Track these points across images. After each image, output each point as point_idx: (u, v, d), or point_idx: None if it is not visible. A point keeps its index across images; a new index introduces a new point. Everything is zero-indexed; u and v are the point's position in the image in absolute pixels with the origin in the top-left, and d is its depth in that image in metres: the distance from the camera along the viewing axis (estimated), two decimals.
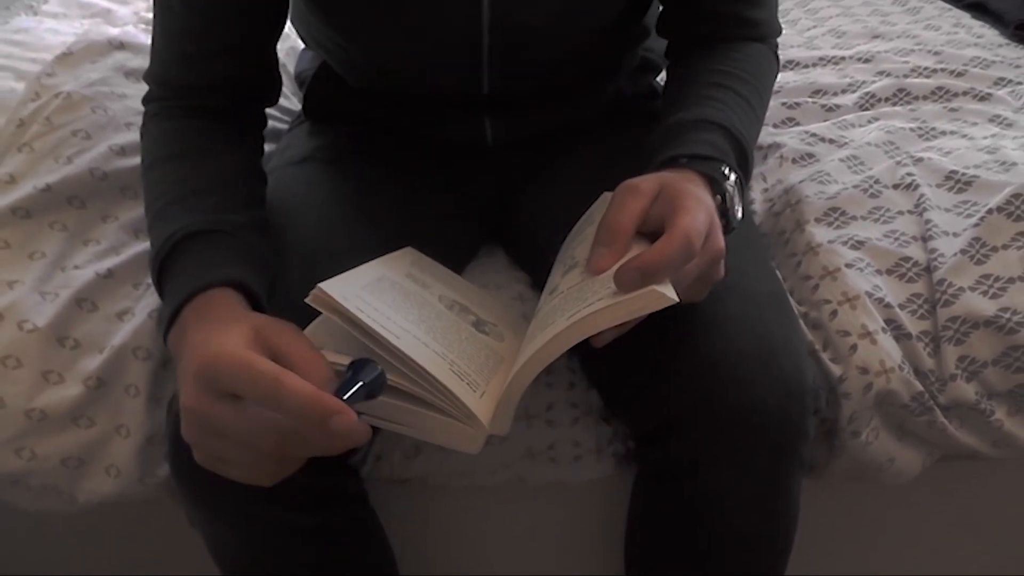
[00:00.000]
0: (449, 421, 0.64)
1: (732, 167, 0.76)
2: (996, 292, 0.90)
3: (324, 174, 0.92)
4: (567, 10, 0.85)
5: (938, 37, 1.49)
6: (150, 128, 0.85)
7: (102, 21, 1.46)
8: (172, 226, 0.73)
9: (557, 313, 0.66)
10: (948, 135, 1.14)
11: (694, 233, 0.64)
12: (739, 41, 0.91)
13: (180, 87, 0.85)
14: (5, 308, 0.87)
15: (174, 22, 0.83)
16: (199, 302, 0.68)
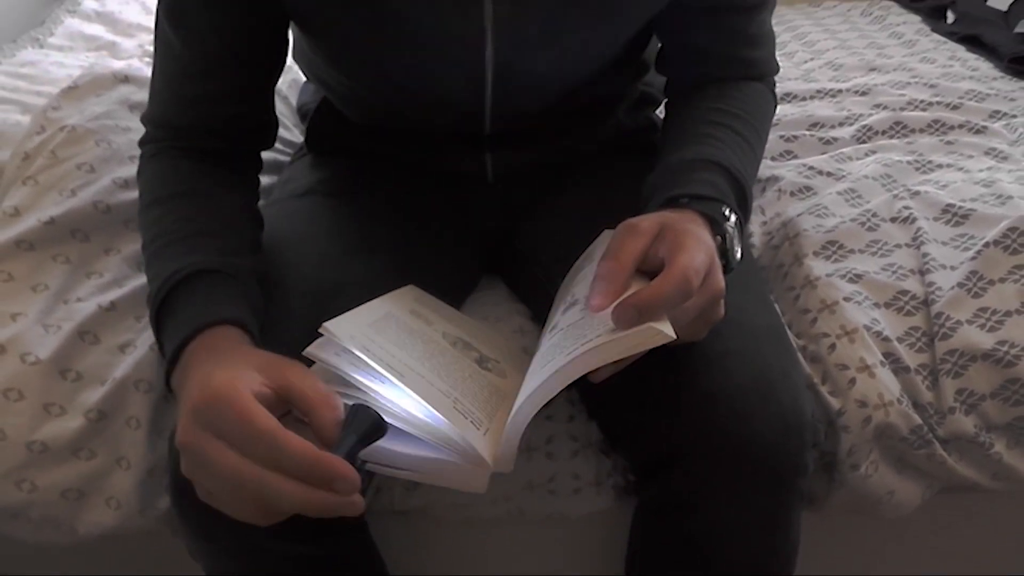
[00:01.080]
0: (454, 463, 0.64)
1: (732, 208, 0.77)
2: (994, 325, 0.90)
3: (326, 207, 0.93)
4: (568, 55, 0.86)
5: (934, 70, 1.51)
6: (148, 168, 0.86)
7: (107, 54, 1.49)
8: (175, 264, 0.74)
9: (557, 350, 0.67)
10: (945, 168, 1.15)
11: (692, 271, 0.65)
12: (737, 80, 0.92)
13: (178, 129, 0.85)
14: (8, 340, 0.87)
15: (174, 64, 0.84)
16: (205, 338, 0.68)
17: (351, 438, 0.60)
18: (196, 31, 0.82)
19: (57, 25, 1.59)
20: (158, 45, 0.85)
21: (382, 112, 0.95)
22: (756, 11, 0.91)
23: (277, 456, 0.56)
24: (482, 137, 0.95)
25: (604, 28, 0.85)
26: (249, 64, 0.85)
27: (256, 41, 0.84)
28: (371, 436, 0.62)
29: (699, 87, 0.92)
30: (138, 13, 1.69)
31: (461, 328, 0.80)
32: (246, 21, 0.82)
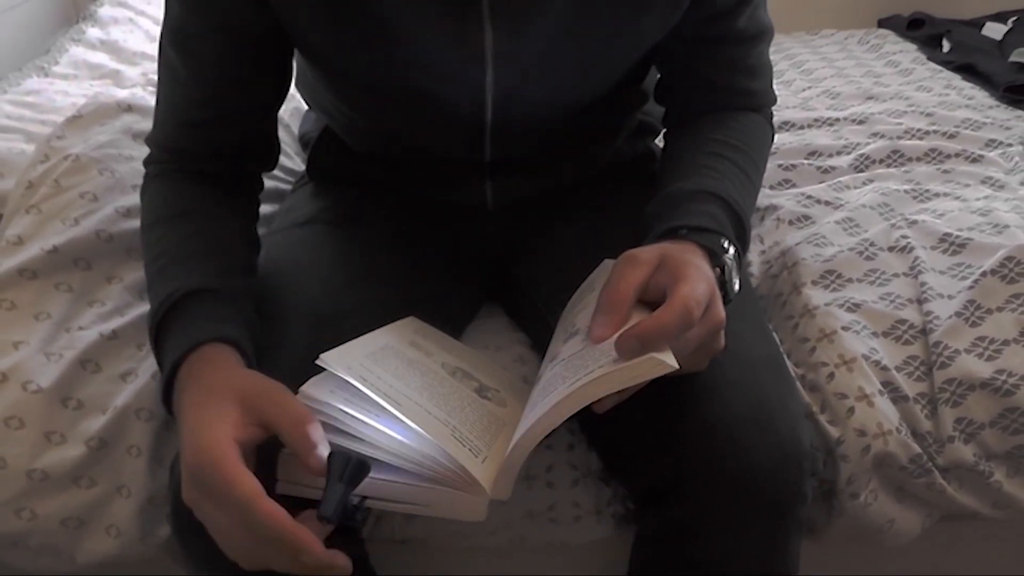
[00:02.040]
0: (451, 492, 0.65)
1: (730, 239, 0.77)
2: (991, 354, 0.91)
3: (327, 236, 0.94)
4: (567, 85, 0.87)
5: (930, 98, 1.52)
6: (150, 188, 0.88)
7: (111, 82, 1.50)
8: (172, 285, 0.75)
9: (558, 380, 0.67)
10: (942, 197, 1.16)
11: (693, 302, 0.65)
12: (736, 111, 0.93)
13: (181, 152, 0.87)
14: (10, 369, 0.88)
15: (178, 91, 0.85)
16: (194, 360, 0.70)
17: (337, 487, 0.61)
18: (199, 58, 0.83)
19: (62, 54, 1.60)
20: (162, 70, 0.86)
21: (383, 140, 0.96)
22: (754, 43, 0.91)
23: (251, 520, 0.60)
24: (482, 165, 0.95)
25: (603, 57, 0.86)
26: (252, 91, 0.86)
27: (259, 68, 0.85)
28: (357, 476, 0.63)
29: (697, 117, 0.93)
30: (142, 41, 1.70)
31: (461, 359, 0.80)
32: (248, 49, 0.83)
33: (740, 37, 0.90)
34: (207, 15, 0.81)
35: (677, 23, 0.85)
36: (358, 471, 0.63)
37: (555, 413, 0.64)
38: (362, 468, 0.63)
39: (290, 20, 0.81)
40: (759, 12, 0.90)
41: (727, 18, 0.87)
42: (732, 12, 0.87)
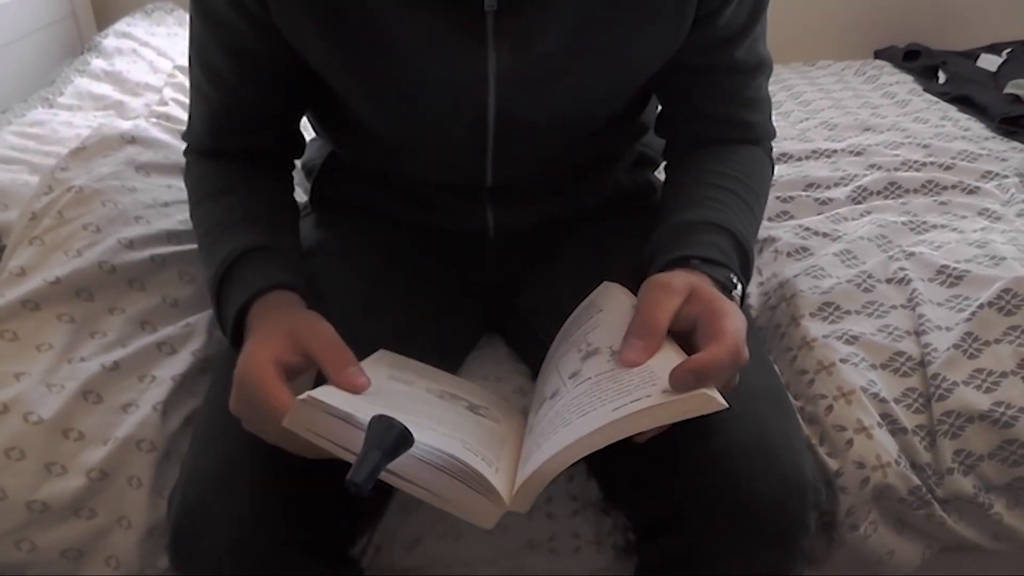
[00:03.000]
0: (471, 492, 0.64)
1: (737, 275, 0.79)
2: (989, 386, 0.91)
3: (328, 268, 0.94)
4: (567, 109, 0.88)
5: (927, 130, 1.53)
6: (192, 171, 0.96)
7: (115, 113, 1.51)
8: (227, 248, 0.83)
9: (594, 401, 0.67)
10: (939, 228, 1.17)
11: (741, 340, 0.67)
12: (736, 144, 0.94)
13: (215, 151, 0.95)
14: (11, 400, 0.88)
15: (206, 104, 0.92)
16: (259, 307, 0.78)
17: (374, 454, 0.60)
18: (220, 75, 0.88)
19: (67, 85, 1.61)
20: (192, 81, 0.93)
21: (388, 163, 0.97)
22: (753, 75, 0.93)
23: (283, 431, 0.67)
24: (484, 192, 0.96)
25: (604, 80, 0.87)
26: (273, 103, 0.92)
27: (277, 84, 0.90)
28: (398, 449, 0.61)
29: (697, 149, 0.94)
30: (146, 73, 1.71)
31: (442, 383, 0.80)
32: (264, 68, 0.88)
33: (739, 68, 0.91)
34: (222, 39, 0.86)
35: (677, 50, 0.87)
36: (400, 442, 0.61)
37: (599, 436, 0.64)
38: (404, 440, 0.62)
39: (297, 42, 0.84)
40: (758, 45, 0.91)
41: (726, 48, 0.89)
42: (731, 42, 0.88)
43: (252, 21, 0.83)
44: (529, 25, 0.81)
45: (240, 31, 0.84)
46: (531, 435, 0.72)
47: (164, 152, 1.19)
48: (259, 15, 0.82)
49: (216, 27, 0.85)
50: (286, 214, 0.93)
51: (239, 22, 0.83)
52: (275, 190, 0.94)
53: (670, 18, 0.83)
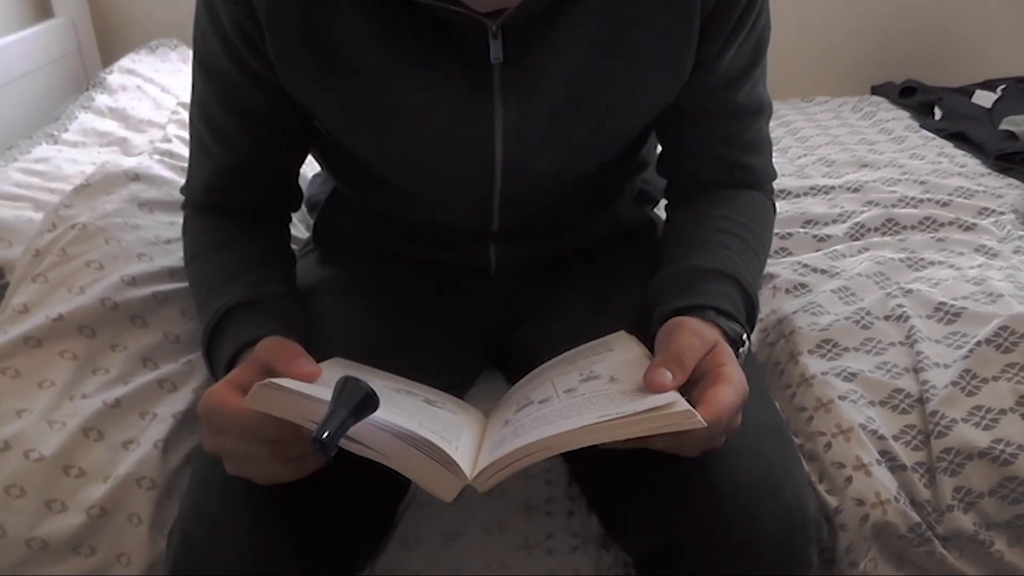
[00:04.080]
0: (431, 463, 0.65)
1: (744, 327, 0.80)
2: (988, 423, 0.91)
3: (330, 306, 0.95)
4: (572, 156, 0.90)
5: (923, 166, 1.54)
6: (189, 227, 0.97)
7: (119, 150, 1.52)
8: (216, 304, 0.83)
9: (582, 410, 0.68)
10: (936, 265, 1.17)
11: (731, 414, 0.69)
12: (737, 188, 0.95)
13: (213, 205, 0.95)
14: (12, 437, 0.88)
15: (206, 157, 0.93)
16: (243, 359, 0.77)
17: (341, 412, 0.62)
18: (222, 134, 0.90)
19: (71, 121, 1.63)
20: (192, 135, 0.94)
21: (393, 203, 0.98)
22: (753, 118, 0.94)
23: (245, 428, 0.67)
24: (487, 235, 0.97)
25: (607, 127, 0.88)
26: (273, 160, 0.94)
27: (278, 142, 0.92)
28: (363, 410, 0.63)
29: (699, 192, 0.95)
30: (150, 109, 1.73)
31: (398, 382, 0.81)
32: (267, 128, 0.90)
33: (739, 112, 0.92)
34: (227, 98, 0.87)
35: (678, 95, 0.88)
36: (366, 402, 0.63)
37: (577, 435, 0.65)
38: (370, 401, 0.63)
39: (304, 100, 0.86)
40: (759, 88, 0.93)
41: (726, 92, 0.90)
42: (731, 87, 0.90)
43: (257, 81, 0.85)
44: (533, 76, 0.82)
45: (245, 90, 0.86)
46: (507, 427, 0.72)
47: (167, 189, 1.20)
48: (264, 75, 0.84)
49: (220, 87, 0.87)
50: (277, 265, 0.93)
51: (244, 82, 0.85)
52: (268, 242, 0.95)
53: (670, 65, 0.85)
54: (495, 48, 0.80)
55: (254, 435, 0.67)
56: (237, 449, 0.69)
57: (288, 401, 0.65)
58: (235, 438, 0.68)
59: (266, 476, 0.70)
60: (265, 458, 0.68)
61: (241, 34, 0.82)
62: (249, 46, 0.82)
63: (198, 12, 0.86)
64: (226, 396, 0.69)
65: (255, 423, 0.66)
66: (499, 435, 0.72)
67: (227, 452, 0.70)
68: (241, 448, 0.69)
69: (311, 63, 0.82)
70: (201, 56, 0.87)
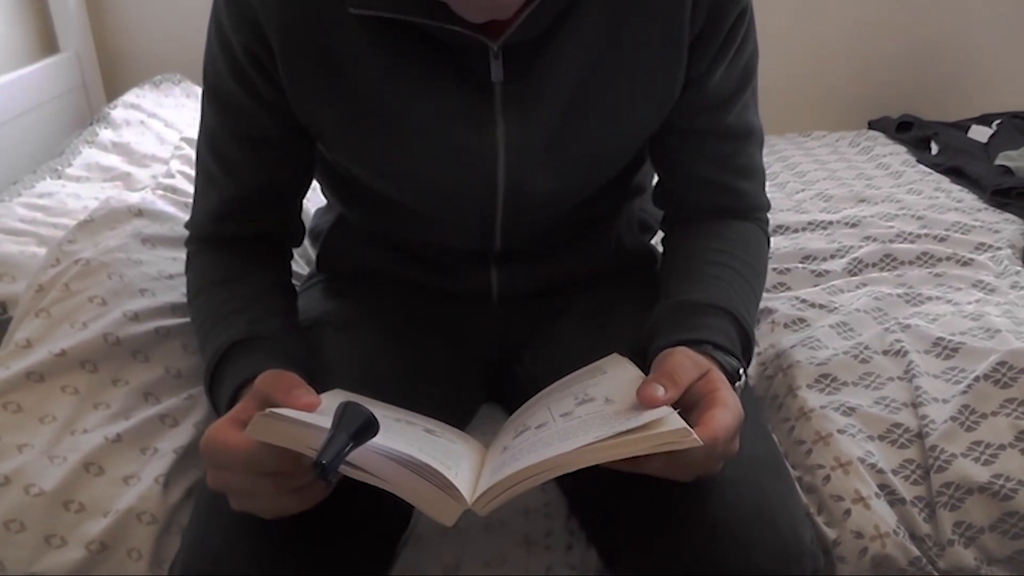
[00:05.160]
0: (431, 488, 0.66)
1: (740, 360, 0.81)
2: (988, 459, 0.91)
3: (332, 342, 0.96)
4: (571, 173, 0.92)
5: (920, 201, 1.55)
6: (192, 265, 0.97)
7: (122, 185, 1.53)
8: (217, 341, 0.84)
9: (578, 431, 0.68)
10: (934, 300, 1.18)
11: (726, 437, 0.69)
12: (731, 218, 0.97)
13: (217, 237, 0.96)
14: (13, 472, 0.88)
15: (212, 187, 0.94)
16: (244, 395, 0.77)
17: (341, 436, 0.62)
18: (230, 162, 0.92)
19: (75, 156, 1.64)
20: (198, 167, 0.96)
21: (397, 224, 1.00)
22: (744, 142, 0.96)
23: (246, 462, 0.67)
24: (489, 256, 0.99)
25: (603, 141, 0.91)
26: (278, 188, 0.95)
27: (283, 168, 0.94)
28: (363, 434, 0.64)
29: (694, 221, 0.97)
30: (153, 144, 1.74)
31: (398, 413, 0.82)
32: (273, 153, 0.91)
33: (729, 134, 0.94)
34: (236, 126, 0.90)
35: (671, 112, 0.91)
36: (366, 428, 0.64)
37: (575, 456, 0.65)
38: (370, 426, 0.64)
39: (312, 125, 0.89)
40: (748, 112, 0.95)
41: (716, 112, 0.92)
42: (721, 107, 0.92)
43: (265, 106, 0.87)
44: (533, 94, 0.85)
45: (254, 116, 0.88)
46: (506, 452, 0.73)
47: (170, 225, 1.21)
48: (272, 99, 0.86)
49: (231, 115, 0.89)
50: (279, 300, 0.93)
51: (253, 107, 0.87)
52: (270, 278, 0.95)
53: (662, 82, 0.88)
54: (496, 68, 0.83)
55: (255, 468, 0.67)
56: (240, 484, 0.69)
57: (288, 430, 0.66)
58: (237, 473, 0.68)
59: (271, 509, 0.70)
60: (268, 491, 0.68)
61: (251, 58, 0.84)
62: (259, 70, 0.85)
63: (209, 42, 0.88)
64: (227, 432, 0.69)
65: (255, 456, 0.67)
66: (498, 460, 0.72)
67: (230, 488, 0.70)
68: (243, 482, 0.69)
69: (319, 84, 0.85)
70: (212, 84, 0.90)
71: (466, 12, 0.75)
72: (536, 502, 0.92)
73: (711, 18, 0.85)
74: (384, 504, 0.79)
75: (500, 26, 0.80)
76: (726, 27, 0.86)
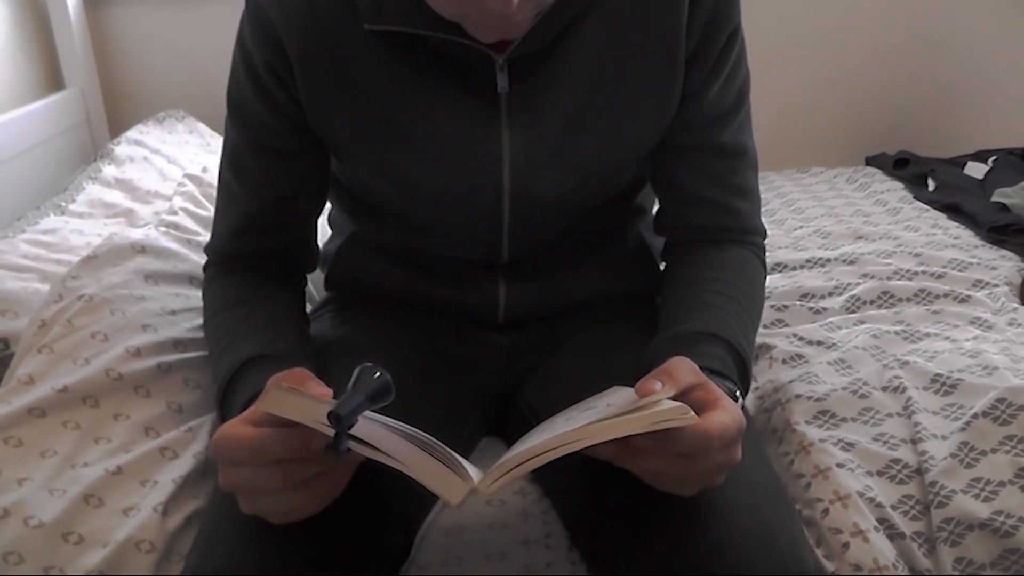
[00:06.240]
0: (439, 465, 0.67)
1: (738, 385, 0.82)
2: (988, 495, 0.91)
3: (339, 367, 0.95)
4: (574, 182, 0.95)
5: (918, 238, 1.56)
6: (211, 286, 1.01)
7: (125, 221, 1.54)
8: (233, 356, 0.87)
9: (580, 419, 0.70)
10: (932, 337, 1.18)
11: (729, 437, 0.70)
12: (726, 240, 0.99)
13: (236, 257, 1.00)
14: (12, 505, 0.88)
15: (232, 205, 0.99)
16: None
17: (358, 396, 0.63)
18: (250, 176, 0.97)
19: (79, 192, 1.66)
20: (220, 188, 1.00)
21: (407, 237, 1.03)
22: (738, 161, 0.99)
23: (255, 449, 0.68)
24: (498, 267, 1.02)
25: (605, 150, 0.94)
26: (295, 203, 0.99)
27: (300, 182, 0.98)
28: (379, 396, 0.65)
29: (691, 249, 0.99)
30: (156, 181, 1.76)
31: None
32: (291, 166, 0.96)
33: (724, 151, 0.97)
34: (255, 139, 0.95)
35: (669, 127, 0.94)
36: (384, 388, 0.66)
37: (578, 434, 0.67)
38: (387, 388, 0.66)
39: (327, 134, 0.93)
40: (742, 133, 0.98)
41: (712, 129, 0.96)
42: (717, 124, 0.96)
43: (286, 120, 0.93)
44: (537, 105, 0.90)
45: (273, 130, 0.93)
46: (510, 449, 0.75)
47: (173, 262, 1.22)
48: (291, 113, 0.92)
49: (251, 129, 0.94)
50: (293, 324, 0.96)
51: (273, 121, 0.93)
52: (286, 301, 0.99)
53: (659, 95, 0.92)
54: (502, 79, 0.88)
55: (263, 457, 0.68)
56: (249, 478, 0.69)
57: (302, 403, 0.67)
58: (247, 468, 0.69)
59: (280, 510, 0.70)
60: (276, 483, 0.68)
61: (272, 74, 0.90)
62: (278, 84, 0.91)
63: (234, 62, 0.94)
64: (236, 427, 0.70)
65: (263, 443, 0.67)
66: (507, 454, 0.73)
67: (240, 484, 0.70)
68: (253, 476, 0.69)
69: (335, 96, 0.90)
70: (234, 101, 0.95)
71: (478, 33, 0.80)
72: (537, 534, 0.93)
73: (705, 34, 0.90)
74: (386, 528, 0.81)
75: (506, 40, 0.84)
76: (719, 44, 0.91)
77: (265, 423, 0.70)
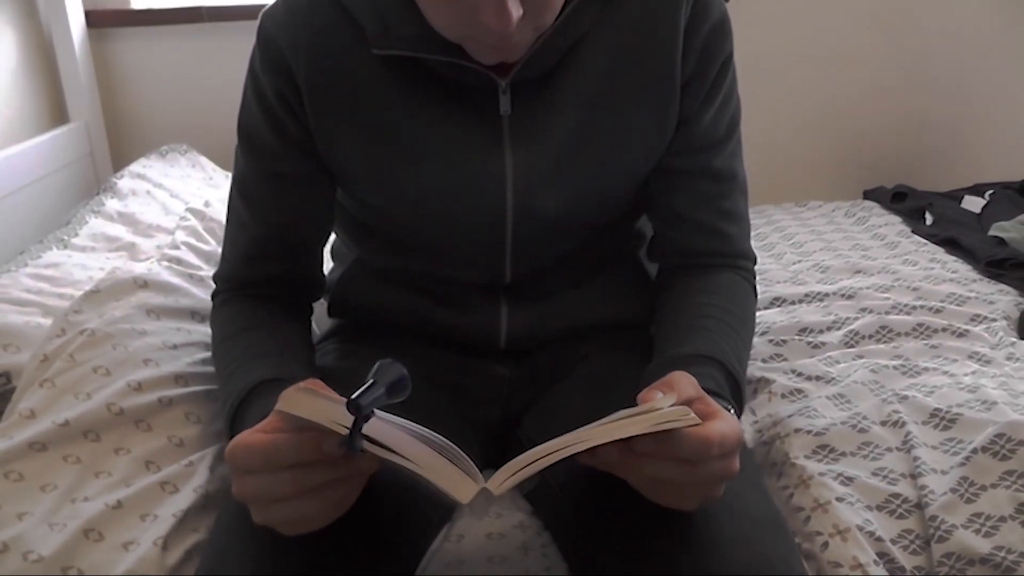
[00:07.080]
0: (450, 465, 0.68)
1: (732, 404, 0.84)
2: (988, 531, 0.91)
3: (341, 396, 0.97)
4: (574, 204, 0.97)
5: (916, 272, 1.56)
6: (220, 312, 1.02)
7: (127, 255, 1.55)
8: (243, 379, 0.88)
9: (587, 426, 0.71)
10: (930, 372, 1.19)
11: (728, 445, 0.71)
12: (717, 267, 1.01)
13: (245, 283, 1.03)
14: (11, 539, 0.88)
15: (241, 232, 1.01)
16: None
17: (378, 387, 0.65)
18: (259, 202, 0.99)
19: (81, 226, 1.66)
20: (229, 215, 1.03)
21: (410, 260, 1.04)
22: (729, 185, 1.01)
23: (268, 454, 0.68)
24: (500, 289, 1.03)
25: (604, 172, 0.96)
26: (301, 229, 1.02)
27: (307, 207, 1.01)
28: (397, 389, 0.66)
29: (683, 275, 1.01)
30: (158, 214, 1.77)
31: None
32: (298, 191, 0.99)
33: (717, 176, 1.00)
34: (264, 166, 0.97)
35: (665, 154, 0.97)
36: (401, 381, 0.67)
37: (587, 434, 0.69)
38: (404, 381, 0.67)
39: (334, 159, 0.96)
40: (734, 160, 1.02)
41: (706, 154, 0.99)
42: (710, 150, 0.99)
43: (295, 147, 0.95)
44: (538, 127, 0.93)
45: (281, 156, 0.96)
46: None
47: (175, 296, 1.22)
48: (300, 139, 0.95)
49: (260, 156, 0.97)
50: (300, 350, 0.98)
51: (282, 148, 0.95)
52: (293, 329, 1.00)
53: (657, 118, 0.95)
54: (504, 102, 0.92)
55: (276, 462, 0.68)
56: (263, 485, 0.69)
57: (317, 404, 0.67)
58: (259, 474, 0.69)
59: (293, 519, 0.70)
60: (289, 489, 0.68)
61: (282, 102, 0.94)
62: (288, 112, 0.94)
63: (245, 92, 0.97)
64: (249, 435, 0.70)
65: (275, 448, 0.68)
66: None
67: (253, 491, 0.70)
68: (266, 483, 0.69)
69: (343, 120, 0.93)
70: (244, 130, 0.98)
71: (480, 55, 0.84)
72: (537, 567, 0.93)
73: (700, 61, 0.94)
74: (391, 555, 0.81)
75: (509, 64, 0.88)
76: (714, 71, 0.95)
77: (278, 432, 0.70)
